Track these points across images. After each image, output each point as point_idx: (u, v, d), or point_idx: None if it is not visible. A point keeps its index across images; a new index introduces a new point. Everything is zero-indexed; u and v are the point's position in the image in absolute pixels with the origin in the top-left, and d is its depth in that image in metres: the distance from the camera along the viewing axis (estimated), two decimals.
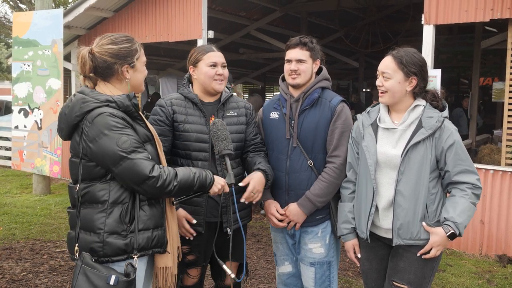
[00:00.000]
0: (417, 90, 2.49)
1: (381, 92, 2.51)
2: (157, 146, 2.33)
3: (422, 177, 2.42)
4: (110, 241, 2.13)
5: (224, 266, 2.56)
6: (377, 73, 2.54)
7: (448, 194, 2.55)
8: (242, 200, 2.65)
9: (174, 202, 2.38)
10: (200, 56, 2.80)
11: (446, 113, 2.49)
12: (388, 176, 2.50)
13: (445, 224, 2.40)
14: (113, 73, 2.26)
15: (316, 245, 2.87)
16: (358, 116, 2.69)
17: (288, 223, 2.86)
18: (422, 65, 2.49)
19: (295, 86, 2.86)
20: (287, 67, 2.85)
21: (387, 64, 2.49)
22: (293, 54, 2.82)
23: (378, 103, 2.69)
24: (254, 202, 2.73)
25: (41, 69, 7.45)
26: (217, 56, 2.80)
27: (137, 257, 2.17)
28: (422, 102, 2.51)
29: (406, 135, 2.47)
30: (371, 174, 2.50)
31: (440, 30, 10.48)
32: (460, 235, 2.40)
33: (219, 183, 2.39)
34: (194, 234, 2.73)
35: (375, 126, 2.59)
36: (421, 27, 5.48)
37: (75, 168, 2.23)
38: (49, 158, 7.49)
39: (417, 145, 2.42)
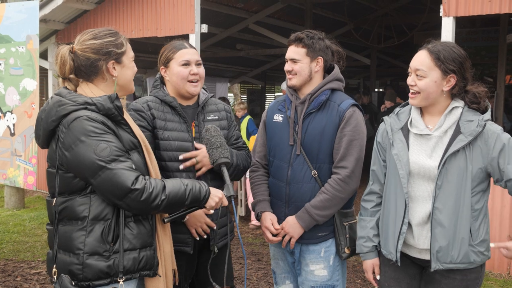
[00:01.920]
0: (455, 91, 2.41)
1: (413, 93, 2.44)
2: (146, 154, 2.31)
3: (463, 192, 2.35)
4: (90, 263, 2.10)
5: None
6: (409, 69, 2.47)
7: None
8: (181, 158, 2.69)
9: (165, 220, 2.35)
10: (171, 55, 2.77)
11: (488, 115, 2.39)
12: (422, 189, 2.44)
13: None
14: (98, 71, 2.25)
15: (318, 267, 2.83)
16: (386, 118, 2.62)
17: (283, 237, 2.84)
18: (463, 61, 2.40)
19: (293, 88, 2.87)
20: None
21: (421, 60, 2.40)
22: (288, 52, 2.85)
23: (407, 103, 2.61)
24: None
25: (15, 68, 7.45)
26: (190, 53, 2.77)
27: (122, 281, 2.14)
28: (460, 103, 2.43)
29: (443, 142, 2.40)
30: (404, 188, 2.43)
31: (461, 23, 10.52)
32: None
33: (217, 196, 2.36)
34: (214, 227, 2.74)
35: (406, 131, 2.51)
36: (439, 20, 5.49)
37: (52, 179, 2.22)
38: (23, 167, 7.48)
39: (456, 154, 2.34)
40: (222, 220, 2.85)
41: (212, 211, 2.68)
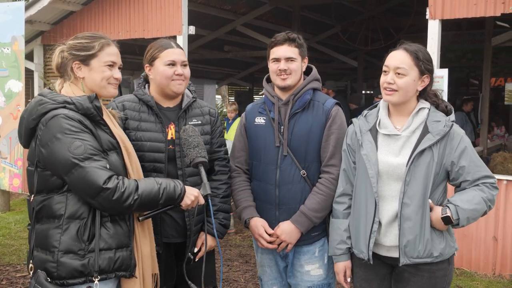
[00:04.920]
0: (428, 90, 2.52)
1: (391, 90, 2.49)
2: (126, 155, 2.32)
3: (428, 187, 2.44)
4: (64, 261, 2.12)
5: None
6: (386, 68, 2.52)
7: None
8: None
9: (140, 218, 2.36)
10: (157, 54, 2.76)
11: (453, 116, 2.51)
12: (390, 188, 2.50)
13: (446, 205, 2.43)
14: (66, 70, 2.32)
15: (314, 267, 2.84)
16: (354, 120, 2.68)
17: (279, 244, 2.80)
18: (432, 62, 2.53)
19: (285, 88, 2.82)
20: (274, 66, 2.81)
21: (402, 59, 2.47)
22: (281, 52, 2.78)
23: (374, 106, 2.69)
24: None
25: (0, 69, 7.39)
26: (176, 54, 2.76)
27: (98, 281, 2.15)
28: (426, 104, 2.54)
29: (411, 141, 2.48)
30: (373, 187, 2.49)
31: (447, 25, 10.59)
32: (458, 224, 2.42)
33: (192, 194, 2.37)
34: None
35: (374, 132, 2.58)
36: (425, 22, 5.54)
37: (31, 178, 2.25)
38: (9, 170, 7.41)
39: (423, 152, 2.43)
40: (197, 219, 2.82)
41: (202, 202, 2.67)
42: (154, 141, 2.71)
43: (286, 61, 2.78)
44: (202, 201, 2.44)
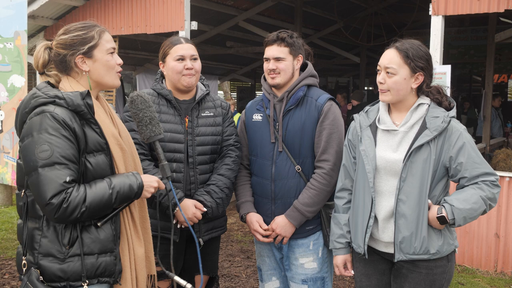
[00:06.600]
0: (424, 87, 2.50)
1: (383, 90, 2.50)
2: (117, 154, 2.21)
3: (425, 184, 2.42)
4: (44, 264, 2.05)
5: (176, 278, 2.44)
6: (378, 68, 2.53)
7: None
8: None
9: (99, 224, 2.16)
10: (167, 50, 2.87)
11: (453, 112, 2.48)
12: (388, 184, 2.50)
13: (442, 204, 2.41)
14: (69, 66, 2.22)
15: (308, 260, 2.90)
16: (355, 116, 2.70)
17: (276, 237, 2.89)
18: (429, 59, 2.50)
19: (276, 86, 2.92)
20: (265, 66, 2.92)
21: (391, 58, 2.47)
22: (270, 52, 2.89)
23: (376, 102, 2.69)
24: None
25: (2, 64, 7.39)
26: (185, 49, 2.85)
27: (87, 285, 2.08)
28: (426, 100, 2.52)
29: (409, 137, 2.48)
30: (370, 182, 2.51)
31: (450, 21, 10.58)
32: (454, 224, 2.39)
33: (151, 186, 2.24)
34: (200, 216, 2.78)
35: (374, 128, 2.58)
36: (428, 18, 5.52)
37: (21, 172, 2.17)
38: (11, 164, 7.42)
39: (421, 148, 2.42)
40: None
41: (205, 209, 2.75)
42: (174, 132, 2.81)
43: (275, 60, 2.88)
44: (162, 186, 2.33)
